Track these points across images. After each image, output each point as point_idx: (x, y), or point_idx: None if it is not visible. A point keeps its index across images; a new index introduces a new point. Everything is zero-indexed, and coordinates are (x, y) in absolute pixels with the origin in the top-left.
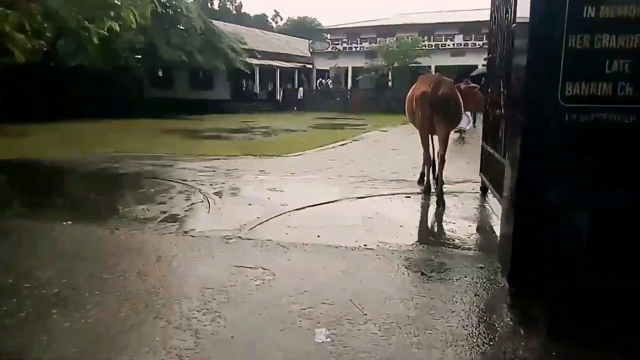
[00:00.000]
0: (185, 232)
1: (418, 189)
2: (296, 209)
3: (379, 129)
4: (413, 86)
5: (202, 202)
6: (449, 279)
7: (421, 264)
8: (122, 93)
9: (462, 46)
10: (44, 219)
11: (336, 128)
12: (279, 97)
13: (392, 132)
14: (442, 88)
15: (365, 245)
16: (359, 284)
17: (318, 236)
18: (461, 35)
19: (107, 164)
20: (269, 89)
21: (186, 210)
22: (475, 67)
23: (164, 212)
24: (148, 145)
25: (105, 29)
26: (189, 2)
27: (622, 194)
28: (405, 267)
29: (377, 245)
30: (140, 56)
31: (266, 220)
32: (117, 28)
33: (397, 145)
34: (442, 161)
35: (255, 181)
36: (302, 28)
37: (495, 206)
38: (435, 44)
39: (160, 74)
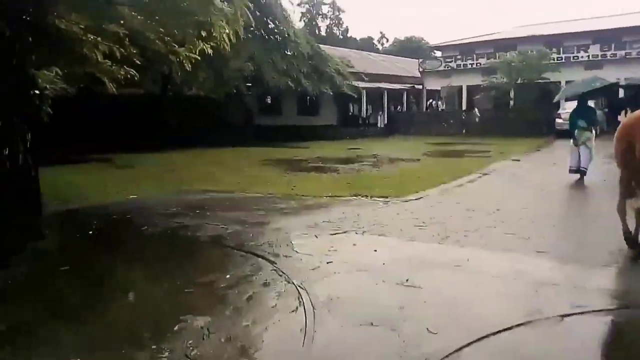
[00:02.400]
0: None
1: None
2: (460, 348)
3: (508, 158)
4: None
5: (294, 312)
6: None
7: None
8: (232, 121)
9: (599, 58)
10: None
11: (454, 156)
12: (386, 120)
13: (526, 162)
14: None
15: None
16: None
17: None
18: (597, 46)
19: (182, 216)
20: (376, 112)
21: (264, 341)
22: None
23: (224, 346)
24: (246, 181)
25: (197, 52)
26: (296, 28)
27: None
28: None
29: None
30: (250, 84)
31: None
32: (210, 51)
33: (546, 184)
34: None
35: (374, 261)
36: (409, 48)
37: None
38: (565, 57)
39: (268, 101)
